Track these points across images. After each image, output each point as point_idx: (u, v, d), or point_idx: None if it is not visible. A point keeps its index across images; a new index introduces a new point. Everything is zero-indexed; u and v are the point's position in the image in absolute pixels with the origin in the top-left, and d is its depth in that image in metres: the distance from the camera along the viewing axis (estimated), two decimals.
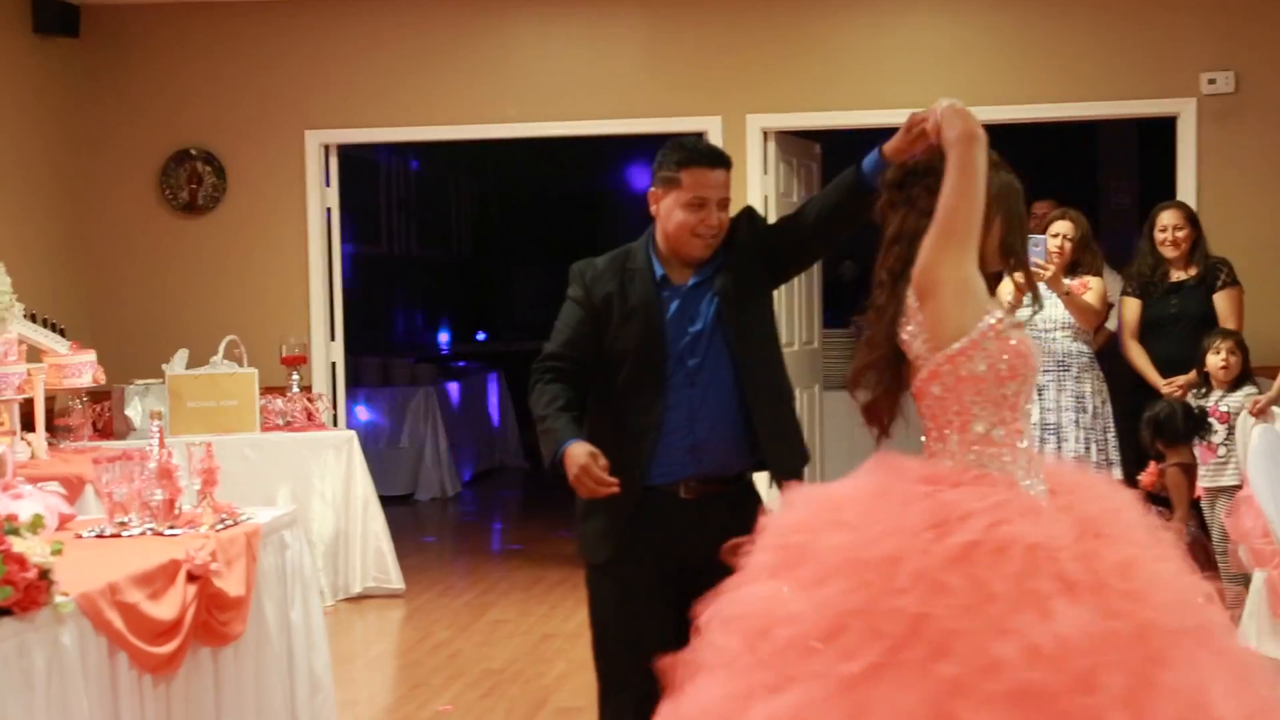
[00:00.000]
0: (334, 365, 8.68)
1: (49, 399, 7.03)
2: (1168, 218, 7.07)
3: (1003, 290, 6.10)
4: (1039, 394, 6.77)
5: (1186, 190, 7.98)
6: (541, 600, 7.73)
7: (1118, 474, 6.74)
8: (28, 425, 6.77)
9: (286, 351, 8.06)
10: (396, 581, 7.90)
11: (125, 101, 8.64)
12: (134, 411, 7.63)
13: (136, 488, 4.26)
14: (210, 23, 8.58)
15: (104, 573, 3.64)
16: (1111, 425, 6.87)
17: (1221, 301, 6.97)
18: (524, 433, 12.87)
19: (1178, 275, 7.05)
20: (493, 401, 13.22)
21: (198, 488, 4.39)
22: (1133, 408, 6.95)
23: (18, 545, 3.26)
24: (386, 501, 8.35)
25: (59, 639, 3.33)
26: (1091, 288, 6.88)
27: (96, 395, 7.66)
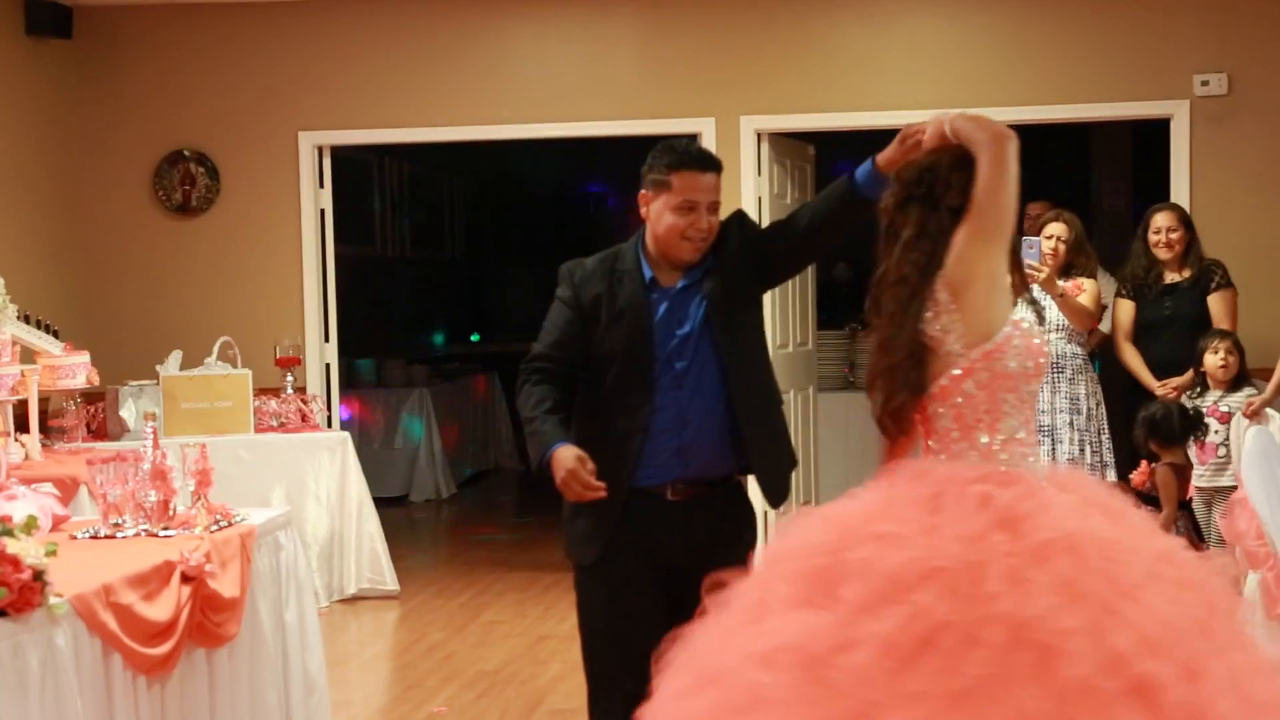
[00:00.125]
0: (328, 366, 8.67)
1: (43, 400, 7.02)
2: (1161, 219, 7.08)
3: None
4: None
5: (1180, 192, 7.99)
6: (536, 602, 7.73)
7: (1112, 476, 6.75)
8: (21, 426, 6.77)
9: (280, 353, 8.05)
10: (391, 583, 7.90)
11: (118, 102, 8.63)
12: (128, 413, 7.62)
13: (131, 489, 4.25)
14: (203, 24, 8.58)
15: (98, 574, 3.64)
16: (1106, 427, 6.88)
17: (1215, 303, 6.97)
18: (518, 434, 12.82)
19: (1171, 277, 7.06)
20: (487, 403, 13.21)
21: (192, 489, 4.38)
22: (1126, 409, 6.96)
23: (12, 546, 3.26)
24: (381, 503, 8.34)
25: (53, 640, 3.33)
26: (1085, 289, 6.89)
27: (90, 396, 7.65)
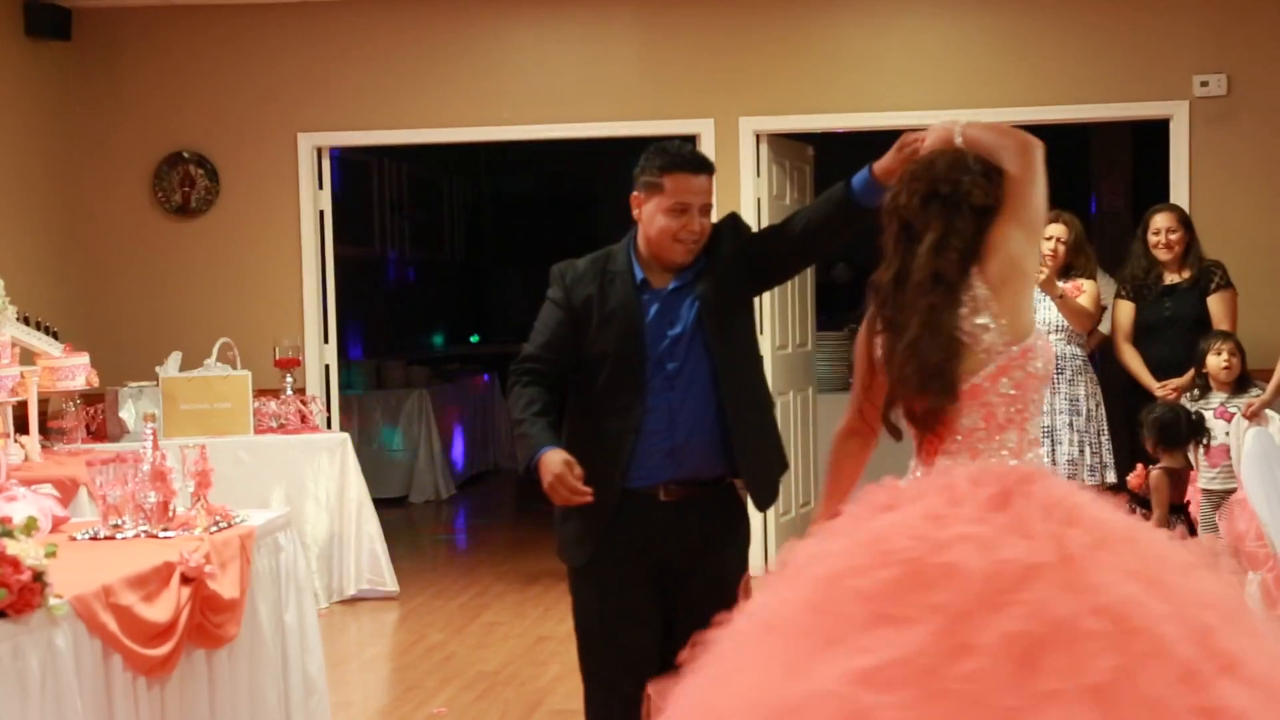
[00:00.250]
0: (327, 368, 8.67)
1: (42, 401, 7.02)
2: (1161, 220, 7.08)
3: None
4: None
5: (1179, 193, 7.99)
6: (536, 603, 7.73)
7: (1112, 477, 6.75)
8: (21, 428, 6.76)
9: (280, 354, 8.05)
10: (391, 584, 7.90)
11: (118, 104, 8.63)
12: (128, 414, 7.62)
13: (130, 490, 4.25)
14: (202, 25, 8.58)
15: (98, 575, 3.64)
16: (1105, 428, 6.88)
17: (1215, 304, 6.97)
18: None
19: (1171, 278, 7.06)
20: (486, 404, 13.21)
21: (191, 490, 4.38)
22: (1126, 411, 6.95)
23: (12, 548, 3.26)
24: (380, 504, 8.34)
25: (53, 641, 3.33)
26: (1085, 290, 6.89)
27: (90, 398, 7.65)
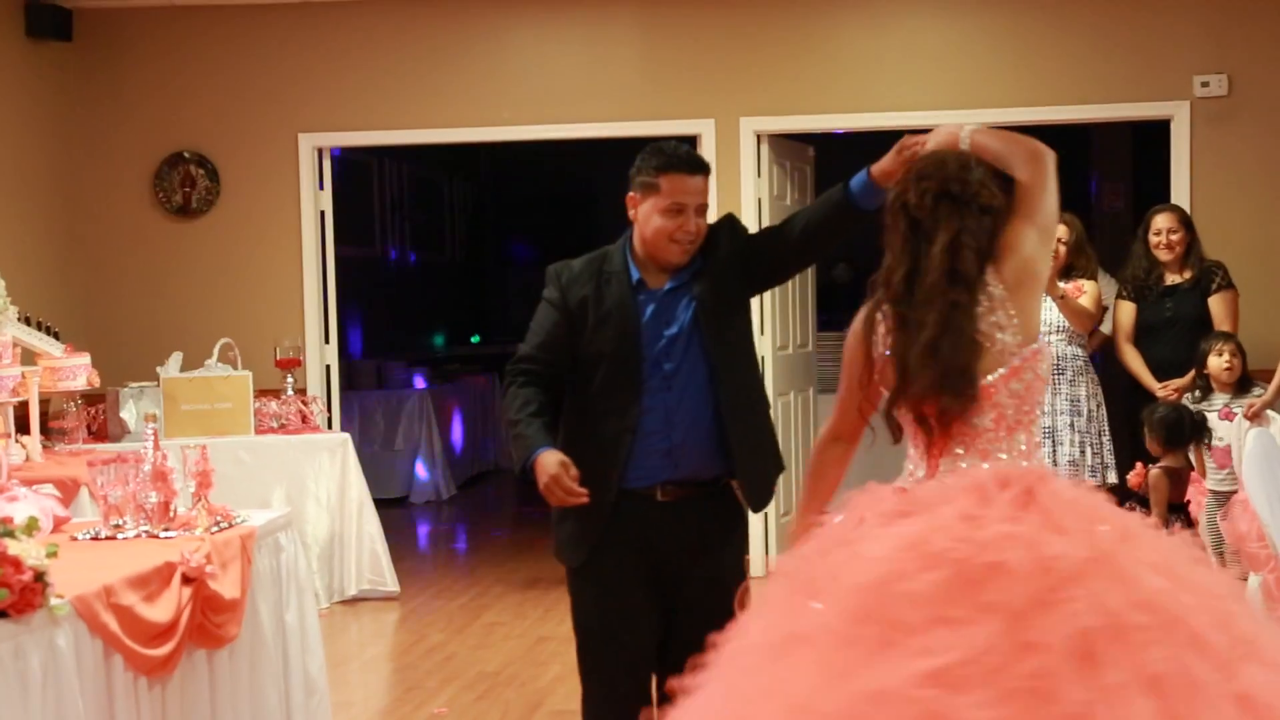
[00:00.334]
0: (328, 368, 8.67)
1: (43, 402, 7.02)
2: (1162, 221, 7.08)
3: None
4: None
5: (1180, 193, 7.99)
6: (536, 603, 7.73)
7: (1113, 477, 6.75)
8: (22, 428, 6.77)
9: (281, 354, 8.06)
10: (391, 584, 7.90)
11: (118, 105, 8.63)
12: (128, 414, 7.63)
13: (131, 490, 4.25)
14: (203, 26, 8.58)
15: (99, 575, 3.64)
16: (1106, 429, 6.88)
17: (1216, 305, 6.97)
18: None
19: (1172, 279, 7.06)
20: (487, 404, 13.21)
21: (192, 490, 4.38)
22: (1127, 411, 6.95)
23: (13, 548, 3.26)
24: (381, 504, 8.34)
25: (54, 641, 3.33)
26: (1086, 291, 6.89)
27: (91, 398, 7.65)
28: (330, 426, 8.42)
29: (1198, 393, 6.69)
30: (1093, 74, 8.11)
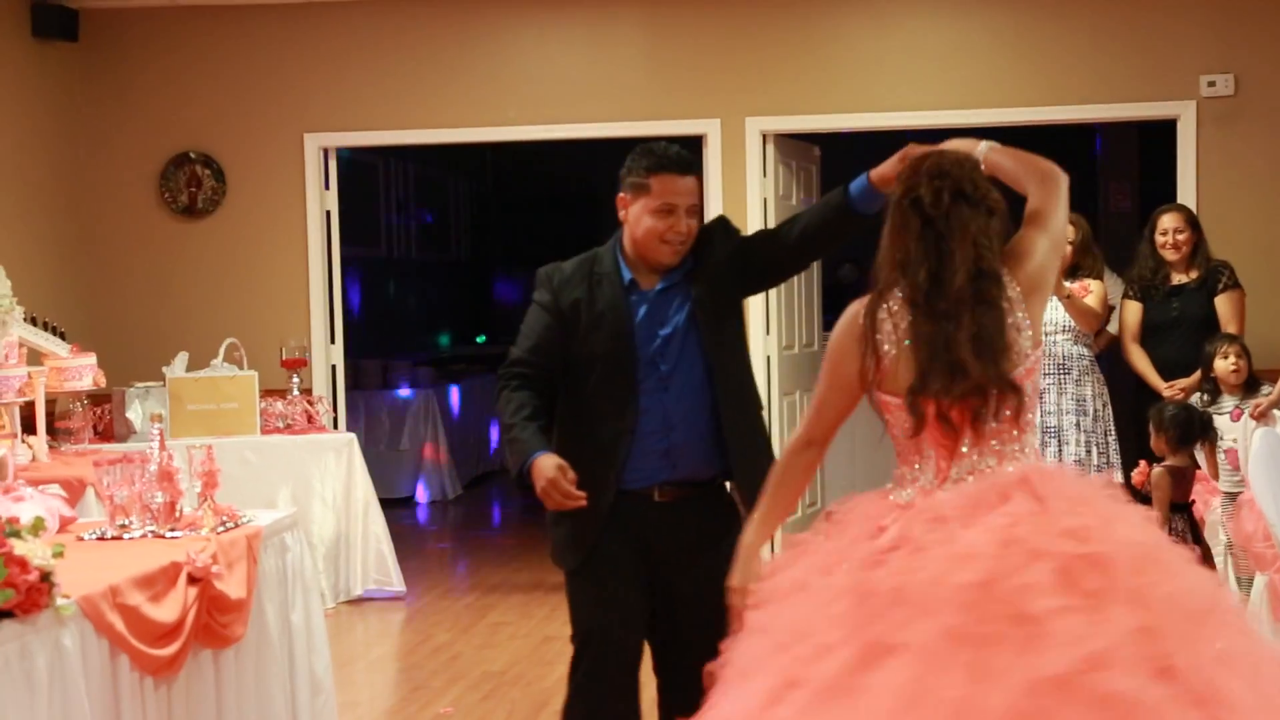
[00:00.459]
0: (334, 368, 8.67)
1: (49, 402, 7.03)
2: (1168, 221, 7.07)
3: None
4: (1040, 397, 6.76)
5: (1187, 193, 7.98)
6: (542, 603, 7.72)
7: (1118, 477, 6.74)
8: (28, 428, 6.77)
9: (286, 354, 8.06)
10: (397, 584, 7.90)
11: (124, 105, 8.64)
12: (134, 414, 7.63)
13: (137, 490, 4.25)
14: (209, 26, 8.58)
15: (105, 575, 3.64)
16: (1112, 428, 6.87)
17: (1223, 304, 6.96)
18: None
19: (1179, 278, 7.05)
20: (493, 403, 13.18)
21: (198, 490, 4.39)
22: (1133, 411, 6.94)
23: (19, 548, 3.26)
24: (387, 504, 8.35)
25: (60, 641, 3.33)
26: (1092, 291, 6.88)
27: (97, 398, 7.66)
28: (336, 426, 8.42)
29: (1206, 396, 6.68)
30: (1098, 74, 8.10)
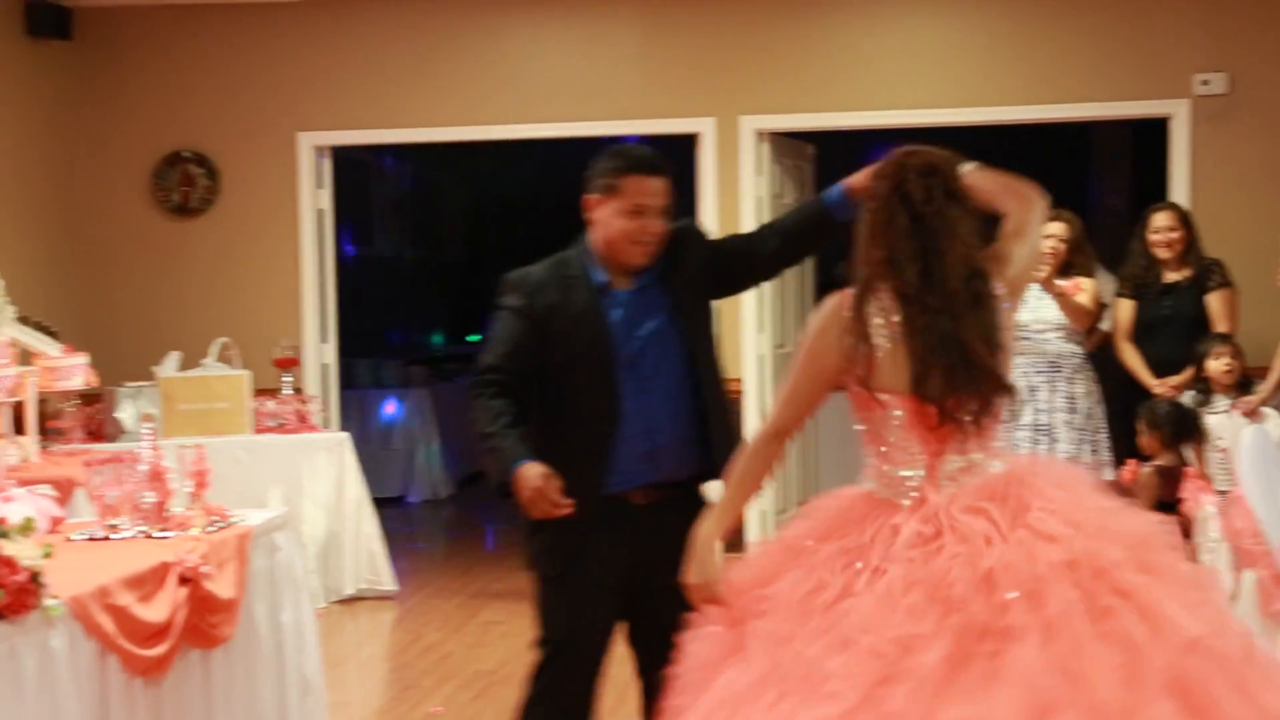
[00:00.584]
0: (326, 367, 8.66)
1: (40, 402, 7.01)
2: (1161, 219, 7.07)
3: None
4: (1031, 395, 6.78)
5: (1179, 191, 7.99)
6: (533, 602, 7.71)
7: (1110, 475, 6.74)
8: (19, 428, 6.75)
9: (279, 354, 8.05)
10: (388, 583, 7.89)
11: (117, 104, 8.63)
12: (125, 414, 7.62)
13: (128, 490, 4.24)
14: (203, 25, 8.57)
15: (94, 575, 3.63)
16: (1104, 426, 6.87)
17: (1215, 302, 6.97)
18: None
19: (1171, 276, 7.05)
20: None
21: (189, 490, 4.37)
22: (1125, 409, 6.94)
23: (8, 548, 3.25)
24: (379, 503, 8.33)
25: (49, 642, 3.32)
26: (1084, 289, 6.88)
27: (88, 398, 7.64)
28: (328, 426, 8.41)
29: (1199, 395, 6.68)
30: (1092, 72, 8.10)
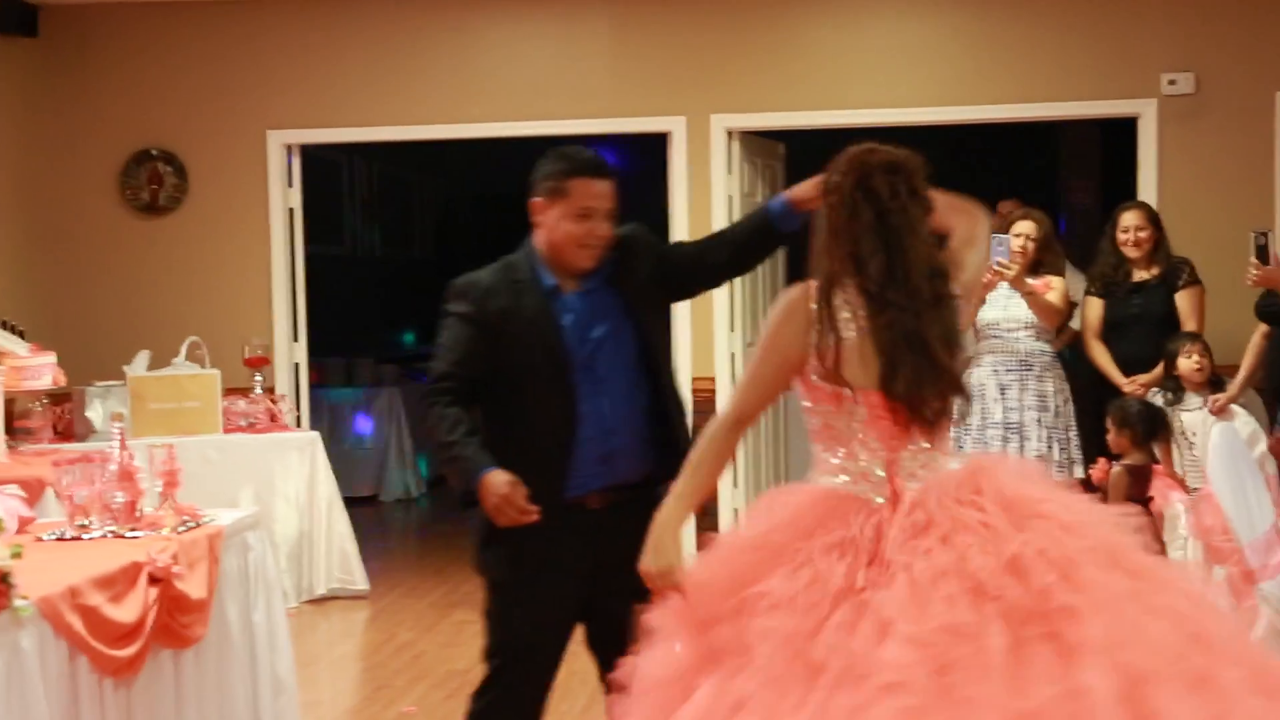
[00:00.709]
0: (297, 366, 8.64)
1: (8, 401, 6.97)
2: (1130, 218, 7.11)
3: None
4: (1002, 393, 6.80)
5: (1148, 190, 8.03)
6: None
7: (1080, 472, 6.77)
8: None
9: (249, 353, 8.02)
10: (361, 583, 7.87)
11: (85, 102, 8.57)
12: (95, 413, 7.57)
13: (97, 490, 4.22)
14: (171, 22, 8.53)
15: (64, 576, 3.61)
16: (1074, 424, 6.90)
17: (1183, 301, 7.00)
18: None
19: (1140, 275, 7.09)
20: None
21: (159, 490, 4.36)
22: (1094, 407, 6.98)
23: None
24: (350, 503, 8.32)
25: (18, 643, 3.30)
26: (1054, 287, 6.91)
27: (57, 397, 7.60)
28: (299, 425, 8.39)
29: (1170, 394, 6.71)
30: (1061, 72, 8.14)
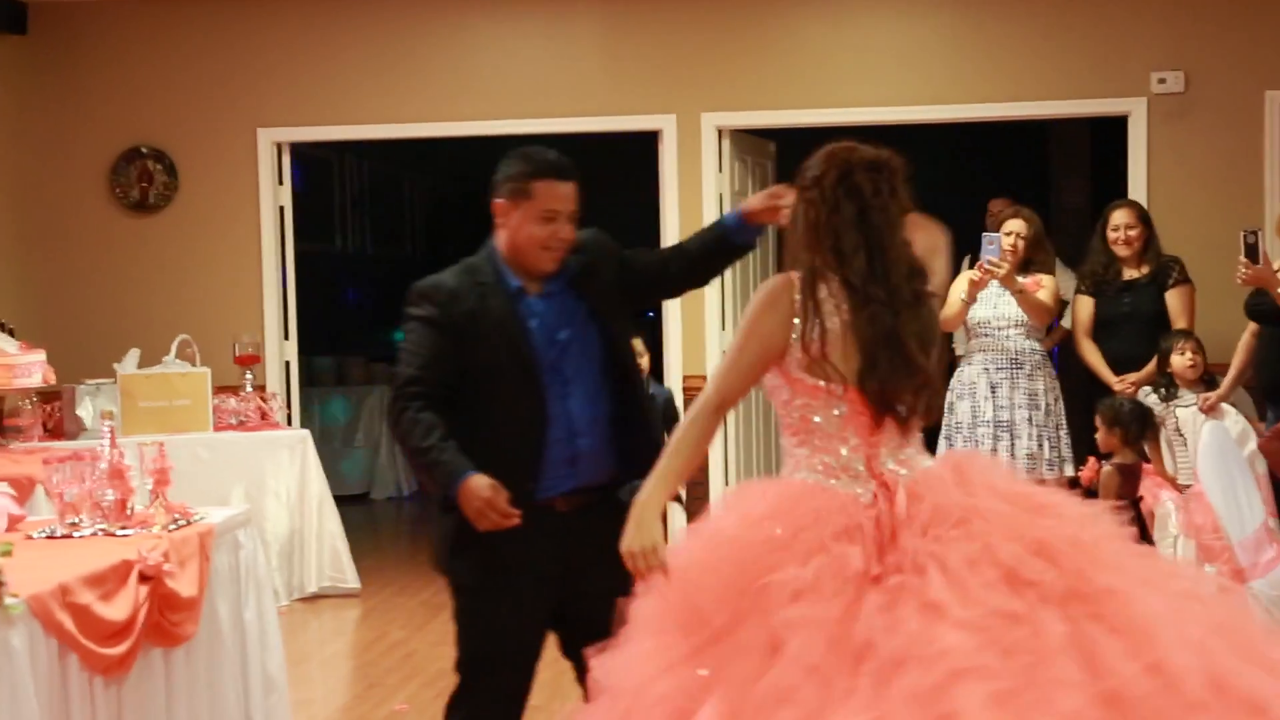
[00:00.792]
0: (288, 364, 8.63)
1: None
2: (1120, 217, 7.13)
3: (956, 289, 6.20)
4: (992, 391, 6.81)
5: (1138, 189, 8.04)
6: None
7: (1070, 471, 6.79)
8: None
9: (240, 351, 8.02)
10: (352, 581, 7.87)
11: (75, 99, 8.56)
12: (85, 411, 7.57)
13: (88, 488, 4.21)
14: (161, 19, 8.52)
15: (55, 574, 3.60)
16: (1064, 423, 6.91)
17: (1173, 299, 7.02)
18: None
19: (1130, 274, 7.11)
20: None
21: (150, 488, 4.35)
22: (1084, 405, 6.99)
23: None
24: (341, 500, 8.31)
25: (9, 641, 3.29)
26: (1044, 285, 6.92)
27: (47, 395, 7.59)
28: (290, 423, 8.39)
29: (1164, 391, 6.73)
30: (1051, 70, 8.15)
